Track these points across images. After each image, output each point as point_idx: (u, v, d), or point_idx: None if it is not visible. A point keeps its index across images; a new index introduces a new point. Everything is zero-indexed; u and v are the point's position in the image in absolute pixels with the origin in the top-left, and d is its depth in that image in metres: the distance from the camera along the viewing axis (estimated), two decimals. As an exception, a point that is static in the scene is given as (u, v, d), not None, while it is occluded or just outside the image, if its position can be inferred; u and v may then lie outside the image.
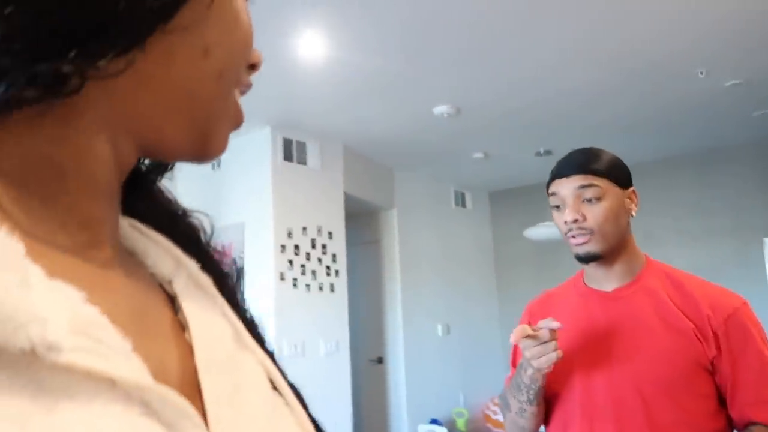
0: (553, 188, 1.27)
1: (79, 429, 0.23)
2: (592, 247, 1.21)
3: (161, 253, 0.39)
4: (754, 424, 1.13)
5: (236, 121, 0.38)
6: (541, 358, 1.12)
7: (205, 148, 0.36)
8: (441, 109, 3.79)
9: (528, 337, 1.12)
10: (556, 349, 1.12)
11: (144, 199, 0.42)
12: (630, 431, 1.15)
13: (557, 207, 1.26)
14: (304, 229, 4.08)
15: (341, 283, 4.31)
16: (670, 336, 1.15)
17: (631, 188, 1.27)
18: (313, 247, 4.14)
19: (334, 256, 4.29)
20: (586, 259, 1.23)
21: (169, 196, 0.45)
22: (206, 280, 0.40)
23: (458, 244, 5.97)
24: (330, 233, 4.27)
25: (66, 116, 0.29)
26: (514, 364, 1.40)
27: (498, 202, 6.45)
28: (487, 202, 6.49)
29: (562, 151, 1.32)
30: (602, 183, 1.21)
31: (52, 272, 0.26)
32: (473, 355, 5.81)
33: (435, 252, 5.66)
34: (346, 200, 4.46)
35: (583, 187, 1.21)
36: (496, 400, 5.43)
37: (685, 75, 3.49)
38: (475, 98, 3.69)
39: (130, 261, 0.36)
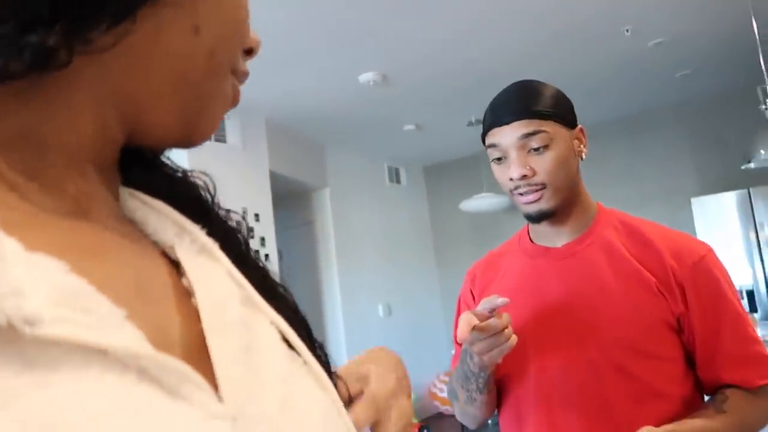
0: (491, 139, 1.07)
1: (73, 401, 0.23)
2: (545, 204, 1.04)
3: (162, 220, 0.38)
4: (726, 386, 0.99)
5: (231, 104, 0.38)
6: (493, 351, 0.94)
7: (193, 130, 0.36)
8: (367, 77, 3.61)
9: (476, 328, 0.91)
10: (508, 338, 0.93)
11: (144, 167, 0.41)
12: (593, 411, 0.99)
13: (498, 159, 1.07)
14: (228, 212, 3.81)
15: (271, 267, 4.07)
16: (631, 294, 1.00)
17: (579, 126, 1.10)
18: (240, 230, 3.88)
19: (262, 239, 4.06)
20: (538, 217, 1.06)
21: (168, 162, 0.44)
22: (211, 244, 0.38)
23: (395, 221, 5.84)
24: (257, 215, 4.03)
25: (52, 90, 0.29)
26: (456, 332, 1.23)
27: (433, 177, 6.35)
28: (422, 176, 6.39)
29: None
30: (549, 127, 1.03)
31: (35, 244, 0.25)
32: (416, 333, 5.72)
33: (371, 231, 5.51)
34: (274, 180, 4.22)
35: (528, 135, 1.02)
36: (442, 377, 5.38)
37: (612, 33, 3.43)
38: (401, 63, 3.53)
39: (129, 230, 0.36)
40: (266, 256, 4.06)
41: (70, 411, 0.23)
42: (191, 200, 0.42)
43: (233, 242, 0.43)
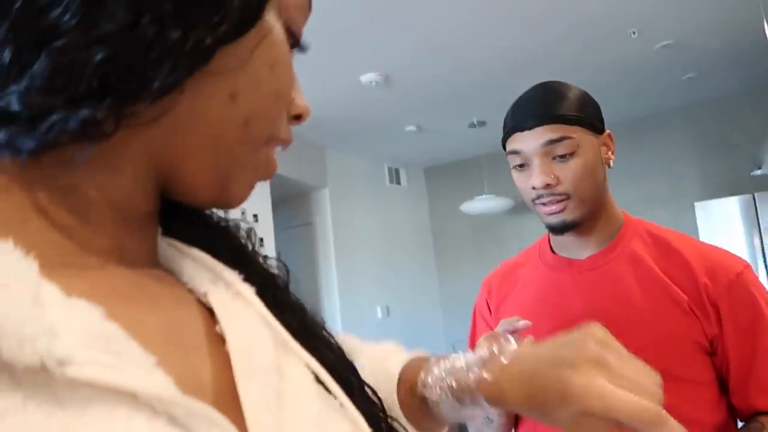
0: (512, 145, 1.00)
1: None
2: (569, 215, 0.97)
3: (197, 267, 0.39)
4: (761, 413, 0.92)
5: (264, 173, 0.39)
6: None
7: (224, 194, 0.37)
8: (369, 77, 3.54)
9: None
10: None
11: (185, 219, 0.42)
12: None
13: (520, 166, 1.00)
14: (225, 212, 3.75)
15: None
16: (661, 313, 0.93)
17: (606, 132, 1.03)
18: (238, 232, 3.82)
19: (261, 240, 3.99)
20: (561, 229, 0.99)
21: (212, 213, 0.45)
22: (247, 289, 0.39)
23: (395, 223, 5.78)
24: (255, 216, 3.96)
25: (96, 153, 0.31)
26: (472, 343, 1.16)
27: (433, 178, 6.29)
28: (423, 178, 6.32)
29: (496, 122, 1.09)
30: (575, 133, 0.96)
31: (75, 289, 0.27)
32: (415, 336, 5.66)
33: (371, 232, 5.44)
34: (274, 180, 4.14)
35: (553, 142, 0.95)
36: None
37: (618, 35, 3.37)
38: (403, 64, 3.46)
39: (165, 279, 0.37)
40: (265, 257, 4.00)
41: None
42: (231, 248, 0.44)
43: (271, 287, 0.44)
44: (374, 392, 0.46)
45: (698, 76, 4.22)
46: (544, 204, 0.99)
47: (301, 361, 0.38)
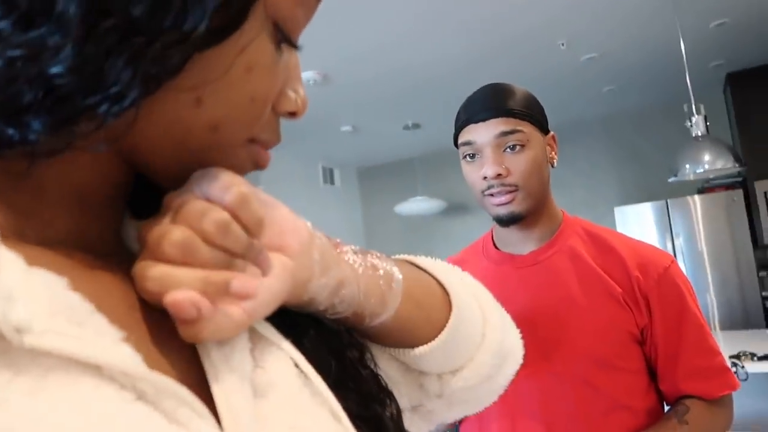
0: (465, 136, 1.04)
1: (65, 410, 0.22)
2: (517, 207, 1.02)
3: None
4: (686, 397, 1.00)
5: (251, 167, 0.38)
6: None
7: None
8: (307, 75, 3.53)
9: None
10: None
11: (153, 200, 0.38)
12: (558, 424, 0.98)
13: (471, 156, 1.04)
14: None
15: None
16: (598, 305, 0.99)
17: (551, 133, 1.09)
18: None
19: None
20: (508, 220, 1.03)
21: None
22: None
23: (328, 223, 5.76)
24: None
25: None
26: None
27: (367, 179, 6.33)
28: (356, 178, 6.35)
29: (430, 125, 1.13)
30: (526, 127, 1.01)
31: (35, 262, 0.25)
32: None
33: (304, 232, 5.40)
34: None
35: (506, 133, 1.00)
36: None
37: (548, 46, 3.53)
38: (342, 63, 3.48)
39: (131, 261, 0.33)
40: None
41: (62, 419, 0.22)
42: None
43: None
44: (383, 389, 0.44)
45: (617, 88, 4.49)
46: (492, 195, 1.03)
47: (279, 348, 0.36)
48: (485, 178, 1.02)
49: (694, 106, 2.85)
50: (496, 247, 1.14)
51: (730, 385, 1.01)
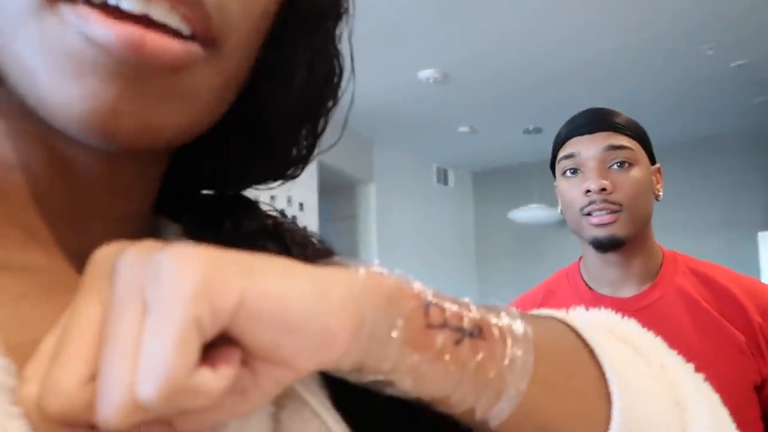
0: (568, 149, 0.97)
1: None
2: (619, 229, 0.92)
3: None
4: None
5: (70, 54, 0.23)
6: None
7: (35, 101, 0.24)
8: (426, 74, 3.49)
9: None
10: None
11: (209, 219, 0.36)
12: None
13: (572, 171, 0.96)
14: (272, 198, 3.75)
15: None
16: (719, 355, 0.88)
17: (657, 164, 1.00)
18: (282, 218, 3.83)
19: (304, 229, 4.00)
20: (608, 244, 0.94)
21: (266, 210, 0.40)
22: None
23: (438, 224, 5.71)
24: (301, 205, 3.97)
25: None
26: None
27: (482, 182, 6.18)
28: (470, 181, 6.22)
29: (552, 130, 1.07)
30: (634, 146, 0.94)
31: None
32: (448, 340, 5.59)
33: (414, 231, 5.39)
34: (321, 170, 4.15)
35: (614, 148, 0.93)
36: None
37: (692, 51, 3.22)
38: (464, 62, 3.39)
39: None
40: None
41: None
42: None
43: None
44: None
45: (772, 100, 4.02)
46: (591, 214, 0.94)
47: (315, 415, 0.29)
48: (587, 192, 0.93)
49: None
50: (587, 287, 1.03)
51: None
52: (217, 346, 0.21)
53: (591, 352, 0.33)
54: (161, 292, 0.19)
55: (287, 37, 0.32)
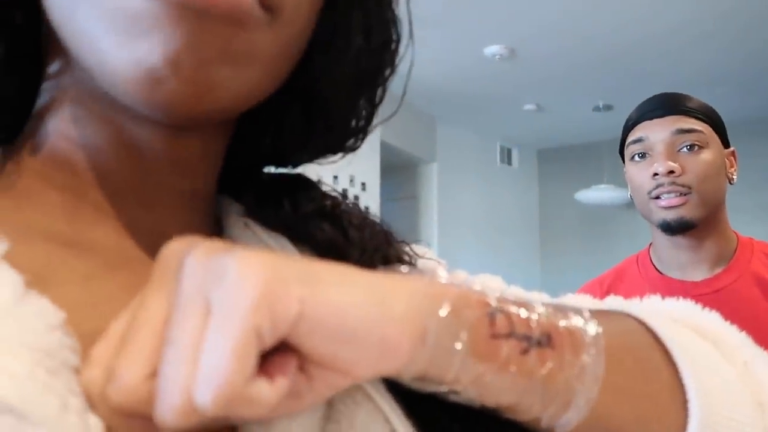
0: (637, 133, 0.98)
1: None
2: (688, 212, 0.92)
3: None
4: None
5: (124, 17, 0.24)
6: None
7: (99, 70, 0.25)
8: (493, 50, 3.39)
9: None
10: None
11: (267, 200, 0.36)
12: None
13: (641, 156, 0.97)
14: (335, 178, 3.78)
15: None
16: None
17: (731, 148, 0.99)
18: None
19: (366, 209, 4.00)
20: (677, 227, 0.94)
21: (324, 189, 0.39)
22: None
23: (501, 205, 5.60)
24: (363, 184, 3.97)
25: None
26: None
27: (546, 162, 6.00)
28: (535, 160, 6.05)
29: (624, 108, 1.06)
30: (705, 129, 0.93)
31: (38, 282, 0.23)
32: (510, 322, 5.52)
33: (476, 212, 5.31)
34: (383, 150, 4.13)
35: (683, 131, 0.93)
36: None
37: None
38: (532, 38, 3.27)
39: None
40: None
41: None
42: (323, 241, 0.35)
43: None
44: None
45: None
46: (661, 196, 0.95)
47: (369, 400, 0.28)
48: (655, 175, 0.94)
49: None
50: (657, 271, 1.01)
51: None
52: (274, 351, 0.21)
53: (666, 352, 0.32)
54: (224, 297, 0.20)
55: (342, 2, 0.32)
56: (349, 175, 3.85)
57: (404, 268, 0.29)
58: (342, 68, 0.34)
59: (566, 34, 3.24)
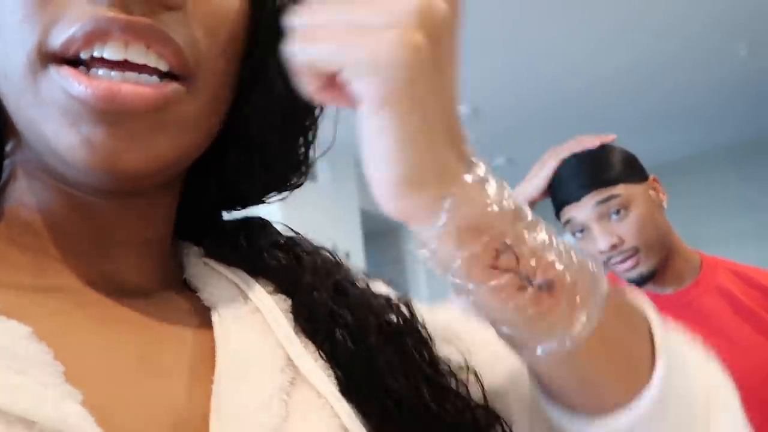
0: (566, 215, 1.07)
1: None
2: (645, 266, 1.02)
3: (222, 284, 0.35)
4: None
5: (69, 105, 0.27)
6: None
7: (57, 154, 0.29)
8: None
9: None
10: None
11: (223, 238, 0.39)
12: None
13: (579, 232, 1.06)
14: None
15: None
16: (757, 344, 0.95)
17: (651, 177, 1.07)
18: (329, 268, 3.87)
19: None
20: (642, 281, 1.03)
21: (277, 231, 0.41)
22: (269, 303, 0.33)
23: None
24: (347, 253, 3.99)
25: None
26: None
27: (526, 214, 6.08)
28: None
29: None
30: (621, 189, 1.01)
31: (11, 311, 0.26)
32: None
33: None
34: (364, 217, 4.18)
35: (602, 202, 1.01)
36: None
37: (726, 52, 3.16)
38: (496, 96, 3.42)
39: (171, 302, 0.34)
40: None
41: None
42: (278, 269, 0.37)
43: (318, 312, 0.35)
44: None
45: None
46: (616, 263, 1.03)
47: (316, 393, 0.31)
48: (601, 252, 1.01)
49: None
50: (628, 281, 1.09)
51: None
52: None
53: (648, 326, 0.35)
54: None
55: (257, 51, 0.34)
56: (331, 245, 3.87)
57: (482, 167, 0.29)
58: (268, 112, 0.36)
59: (532, 92, 3.40)
